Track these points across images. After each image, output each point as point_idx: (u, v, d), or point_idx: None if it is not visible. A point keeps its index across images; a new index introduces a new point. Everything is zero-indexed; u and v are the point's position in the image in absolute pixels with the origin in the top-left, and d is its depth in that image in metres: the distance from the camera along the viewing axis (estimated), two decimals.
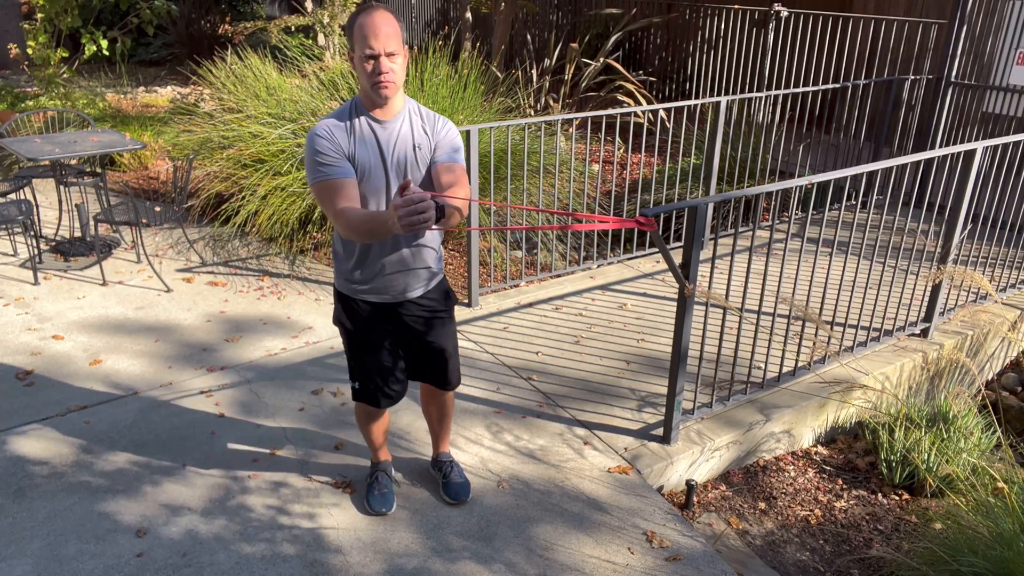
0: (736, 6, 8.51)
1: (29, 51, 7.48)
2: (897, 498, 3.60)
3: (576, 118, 4.67)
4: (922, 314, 4.29)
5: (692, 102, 5.15)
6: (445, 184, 2.41)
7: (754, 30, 8.60)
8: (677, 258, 5.21)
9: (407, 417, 3.48)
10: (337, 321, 2.69)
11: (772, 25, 7.64)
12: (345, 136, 2.37)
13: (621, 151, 7.66)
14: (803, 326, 3.62)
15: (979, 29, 6.50)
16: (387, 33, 2.25)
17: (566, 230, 5.22)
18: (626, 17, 9.56)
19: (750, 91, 8.56)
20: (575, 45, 8.06)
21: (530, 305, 4.62)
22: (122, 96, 9.31)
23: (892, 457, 3.67)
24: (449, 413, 3.01)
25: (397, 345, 2.71)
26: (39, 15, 7.36)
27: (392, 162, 2.42)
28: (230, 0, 13.23)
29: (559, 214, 2.81)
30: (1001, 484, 2.77)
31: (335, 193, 2.31)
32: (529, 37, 10.02)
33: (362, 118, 2.39)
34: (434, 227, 2.01)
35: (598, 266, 5.21)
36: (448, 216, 2.22)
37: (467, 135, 4.08)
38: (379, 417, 2.86)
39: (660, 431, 3.42)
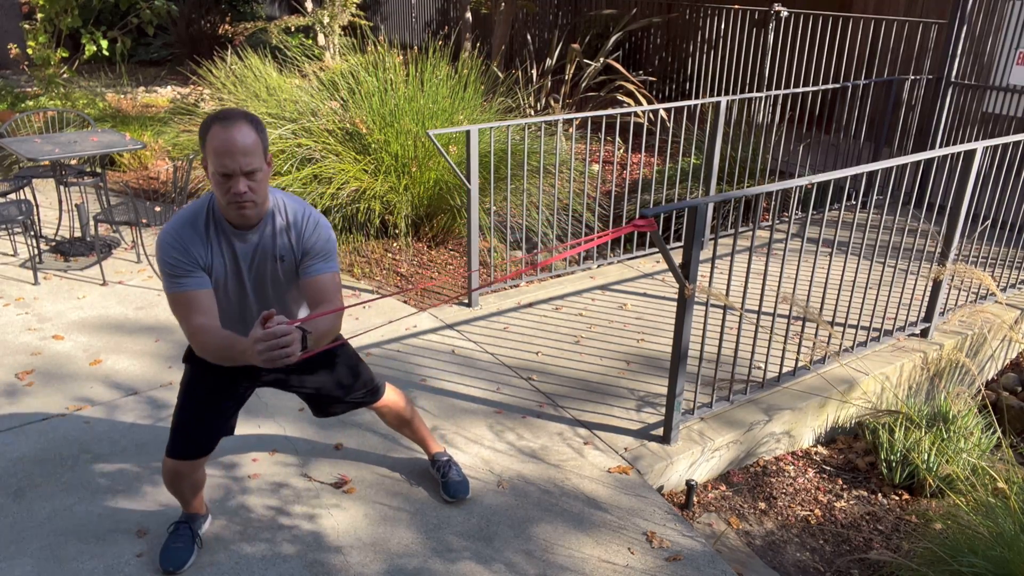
0: (736, 6, 8.51)
1: (29, 51, 7.48)
2: (897, 498, 3.60)
3: (576, 118, 4.67)
4: (922, 314, 4.29)
5: (692, 102, 5.15)
6: (312, 302, 2.19)
7: (754, 30, 8.60)
8: (677, 258, 5.21)
9: None
10: (189, 360, 2.43)
11: (772, 25, 7.64)
12: (200, 246, 2.14)
13: (621, 151, 7.66)
14: (803, 326, 3.62)
15: (979, 29, 6.50)
16: (245, 149, 1.99)
17: (567, 256, 5.21)
18: (626, 17, 9.57)
19: (750, 91, 8.56)
20: (576, 46, 8.06)
21: (530, 305, 4.62)
22: (122, 96, 9.31)
23: (892, 457, 3.67)
24: (413, 418, 2.87)
25: (239, 404, 2.50)
26: (39, 15, 7.36)
27: (251, 276, 2.22)
28: (230, 0, 13.23)
29: (560, 246, 2.80)
30: (1001, 484, 2.77)
31: (189, 307, 2.10)
32: (529, 37, 10.02)
33: (218, 227, 2.15)
34: (299, 356, 1.82)
35: (598, 266, 5.21)
36: (317, 341, 2.03)
37: (467, 135, 4.08)
38: (195, 471, 2.50)
39: (660, 431, 3.42)
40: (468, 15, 9.27)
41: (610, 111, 4.76)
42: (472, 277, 4.47)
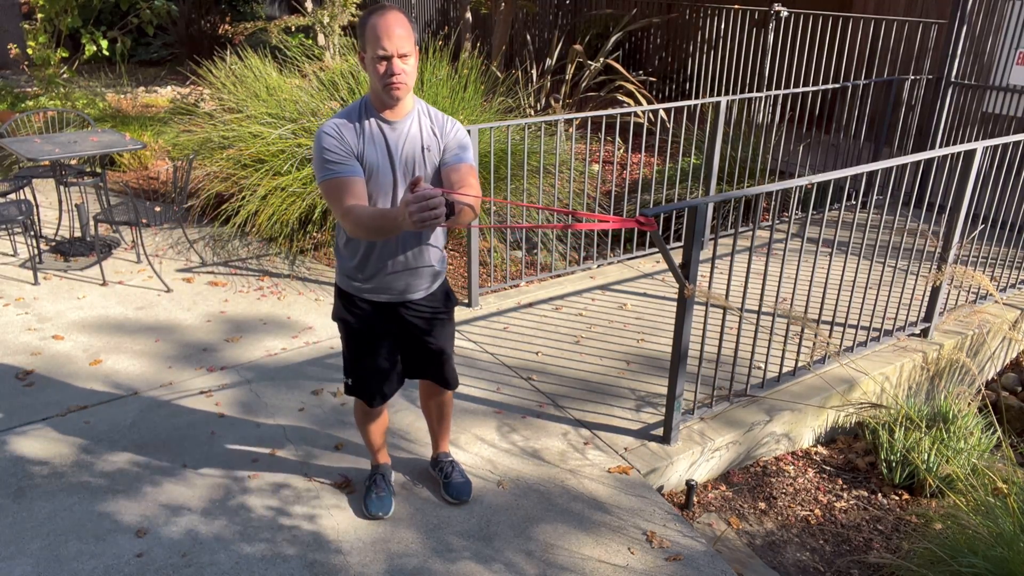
0: (736, 6, 8.51)
1: (29, 51, 7.48)
2: (897, 498, 3.60)
3: (576, 118, 4.67)
4: (922, 314, 4.29)
5: (692, 102, 5.15)
6: (454, 183, 2.43)
7: (754, 30, 8.60)
8: (677, 258, 5.21)
9: (407, 417, 3.48)
10: (337, 317, 2.68)
11: (772, 25, 7.64)
12: (354, 136, 2.38)
13: (621, 151, 7.66)
14: (803, 327, 3.62)
15: (979, 29, 6.50)
16: (399, 34, 2.26)
17: (567, 229, 5.21)
18: (626, 17, 9.57)
19: (750, 91, 8.56)
20: (578, 46, 8.06)
21: (530, 305, 4.62)
22: (122, 96, 9.31)
23: (892, 457, 3.67)
24: (448, 413, 3.01)
25: (396, 346, 2.70)
26: (39, 15, 7.36)
27: (400, 163, 2.43)
28: (230, 0, 13.23)
29: (561, 212, 2.81)
30: (1001, 484, 2.77)
31: (343, 191, 2.31)
32: (529, 37, 10.02)
33: (372, 119, 2.40)
34: (444, 224, 2.02)
35: (598, 266, 5.21)
36: (458, 214, 2.24)
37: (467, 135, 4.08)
38: (377, 416, 2.85)
39: (660, 431, 3.42)
40: (468, 15, 9.27)
41: (610, 111, 4.76)
42: (472, 277, 4.46)
